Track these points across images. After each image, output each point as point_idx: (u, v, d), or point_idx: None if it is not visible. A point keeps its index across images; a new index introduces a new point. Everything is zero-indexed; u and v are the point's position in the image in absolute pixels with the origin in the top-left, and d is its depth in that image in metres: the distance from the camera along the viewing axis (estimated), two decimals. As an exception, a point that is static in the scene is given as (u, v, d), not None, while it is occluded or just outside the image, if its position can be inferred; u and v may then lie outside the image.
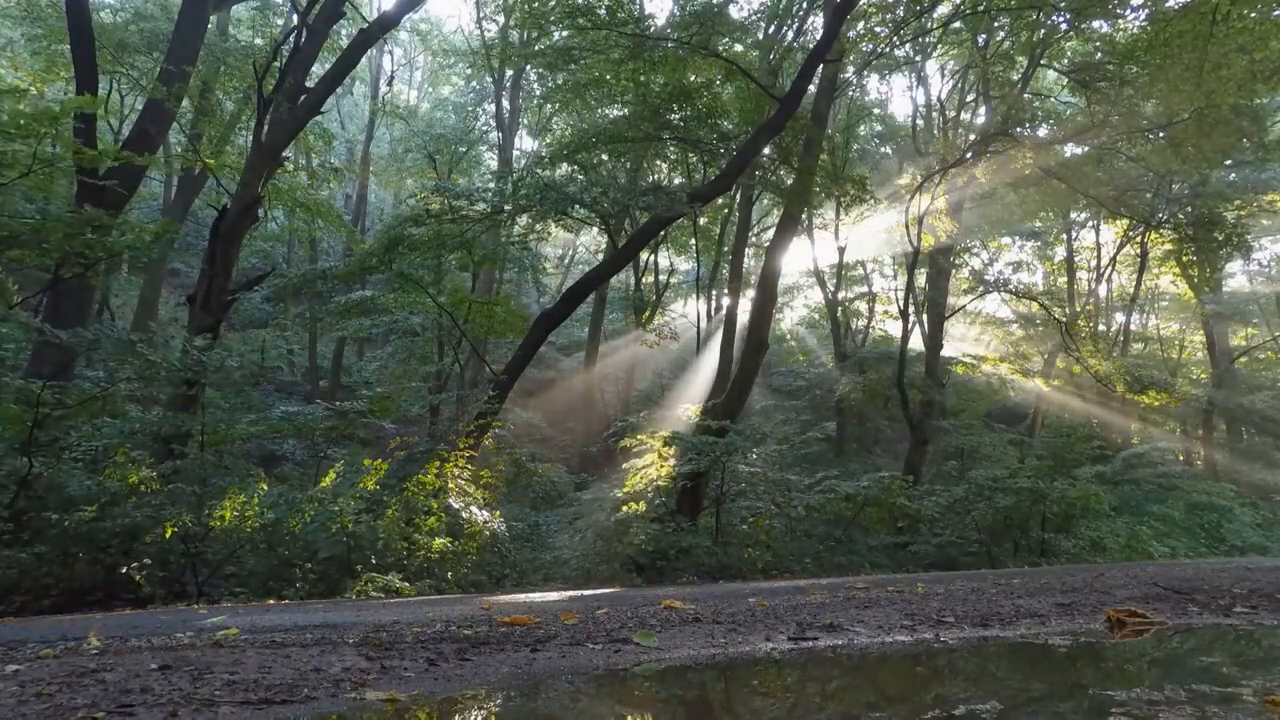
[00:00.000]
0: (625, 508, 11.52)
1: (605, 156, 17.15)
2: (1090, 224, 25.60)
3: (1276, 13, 11.70)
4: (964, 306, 20.89)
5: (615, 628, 3.76)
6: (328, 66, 12.94)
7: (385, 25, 12.97)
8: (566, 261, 33.55)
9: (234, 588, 7.55)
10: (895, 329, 20.63)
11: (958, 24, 17.33)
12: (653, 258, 22.74)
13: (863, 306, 24.64)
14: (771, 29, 17.79)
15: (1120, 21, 15.35)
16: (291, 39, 11.94)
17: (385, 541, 8.39)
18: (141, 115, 11.60)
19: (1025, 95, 17.97)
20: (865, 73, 19.59)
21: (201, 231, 19.51)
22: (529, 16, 14.87)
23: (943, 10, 16.95)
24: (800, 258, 22.50)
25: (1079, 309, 23.89)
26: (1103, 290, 26.49)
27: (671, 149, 17.28)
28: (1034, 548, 13.24)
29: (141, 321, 16.85)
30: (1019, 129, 16.86)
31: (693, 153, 17.09)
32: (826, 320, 24.74)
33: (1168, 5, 13.45)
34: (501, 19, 22.71)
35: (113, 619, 4.77)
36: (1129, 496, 18.98)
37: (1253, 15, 11.71)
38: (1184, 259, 21.53)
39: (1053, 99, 20.91)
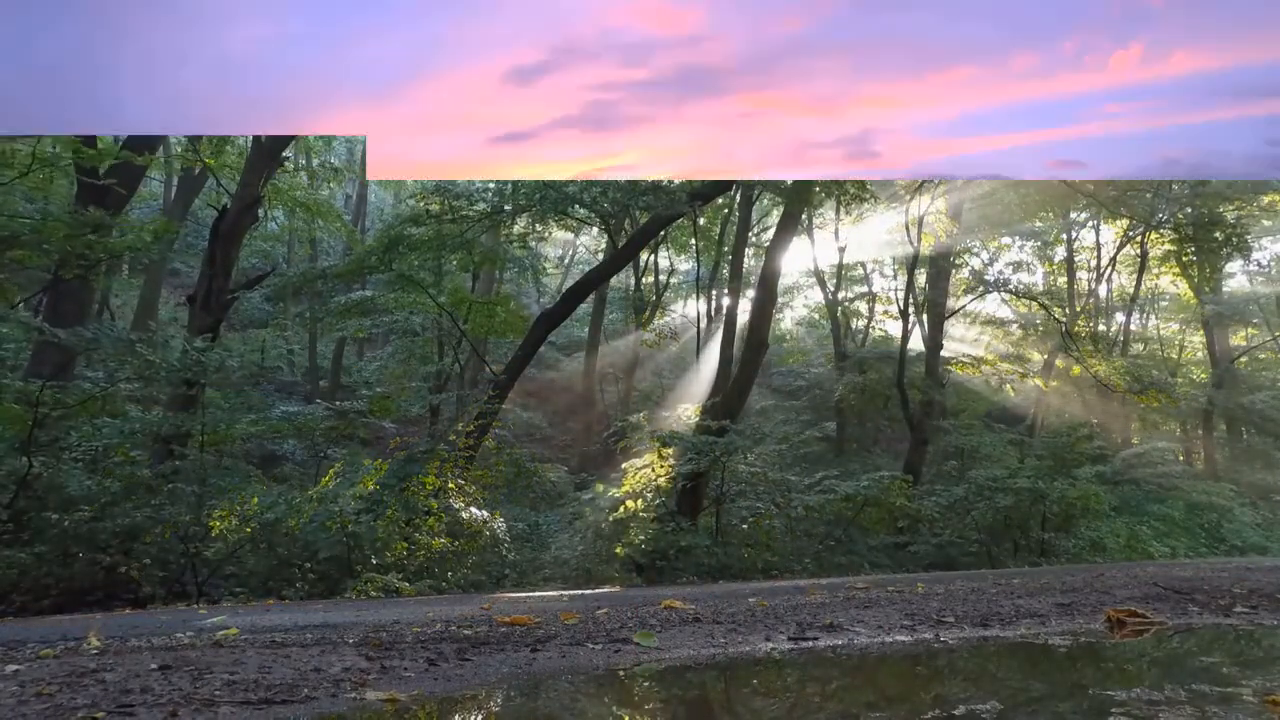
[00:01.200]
0: (624, 507, 11.51)
1: (605, 156, 17.08)
2: (1090, 224, 25.59)
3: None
4: (964, 307, 20.88)
5: (615, 628, 3.76)
6: (328, 66, 12.93)
7: (385, 25, 12.96)
8: (566, 261, 33.52)
9: (234, 588, 7.54)
10: (895, 329, 20.60)
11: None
12: (653, 258, 22.71)
13: (863, 306, 24.59)
14: (771, 29, 17.77)
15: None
16: (291, 39, 11.93)
17: (385, 541, 8.39)
18: (141, 115, 11.59)
19: (1025, 95, 17.95)
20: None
21: (201, 231, 19.48)
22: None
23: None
24: (800, 258, 22.48)
25: (1079, 309, 23.89)
26: (1103, 290, 26.49)
27: (672, 149, 17.24)
28: (1034, 548, 13.24)
29: (141, 321, 16.84)
30: (1019, 129, 16.83)
31: (693, 153, 17.05)
32: (826, 320, 24.70)
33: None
34: (501, 19, 22.67)
35: (113, 619, 4.77)
36: (1129, 496, 18.97)
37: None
38: (1184, 259, 21.53)
39: (1053, 99, 20.87)
